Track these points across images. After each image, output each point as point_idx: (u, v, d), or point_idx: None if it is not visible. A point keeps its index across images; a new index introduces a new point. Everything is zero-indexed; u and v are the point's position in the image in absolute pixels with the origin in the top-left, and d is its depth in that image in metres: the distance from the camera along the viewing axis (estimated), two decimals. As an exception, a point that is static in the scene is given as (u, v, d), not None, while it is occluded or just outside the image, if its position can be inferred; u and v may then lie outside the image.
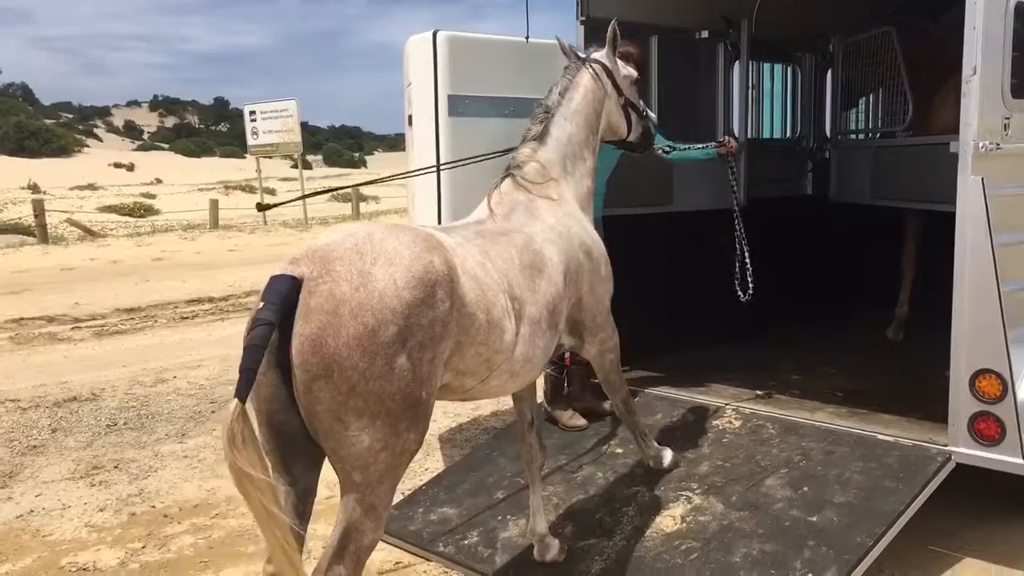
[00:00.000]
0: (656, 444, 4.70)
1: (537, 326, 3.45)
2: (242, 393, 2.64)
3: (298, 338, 2.68)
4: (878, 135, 7.61)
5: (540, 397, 4.66)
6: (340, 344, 2.64)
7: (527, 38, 5.64)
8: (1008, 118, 4.22)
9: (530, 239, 3.62)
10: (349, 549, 2.81)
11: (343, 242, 2.84)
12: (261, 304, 2.70)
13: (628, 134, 4.50)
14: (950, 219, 4.20)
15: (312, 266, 2.76)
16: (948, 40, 5.39)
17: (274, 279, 2.75)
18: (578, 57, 4.30)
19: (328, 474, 3.01)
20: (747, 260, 5.35)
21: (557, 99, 4.15)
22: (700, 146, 5.48)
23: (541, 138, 4.08)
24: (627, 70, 4.46)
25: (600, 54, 4.31)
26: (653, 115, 4.73)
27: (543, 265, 3.57)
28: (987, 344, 4.08)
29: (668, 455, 4.69)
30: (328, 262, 2.76)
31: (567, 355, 5.24)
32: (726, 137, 6.06)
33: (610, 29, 4.28)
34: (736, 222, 5.40)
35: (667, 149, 5.32)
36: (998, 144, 4.13)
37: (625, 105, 4.39)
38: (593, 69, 4.26)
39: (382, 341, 2.69)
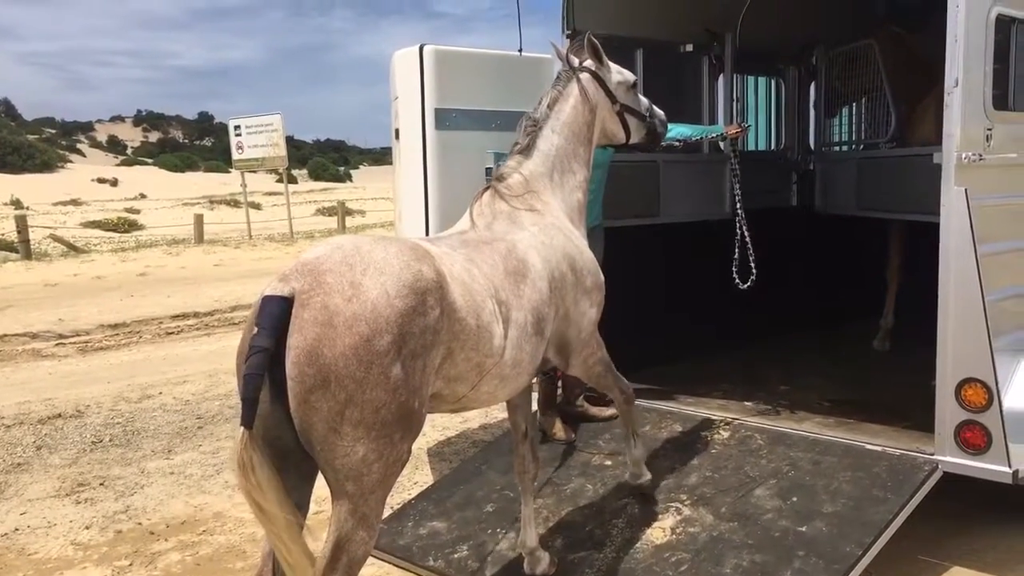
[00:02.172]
0: (644, 451, 4.61)
1: (523, 330, 3.45)
2: (247, 421, 2.66)
3: (293, 351, 2.68)
4: (862, 147, 7.67)
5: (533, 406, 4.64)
6: (336, 354, 2.66)
7: (520, 51, 5.66)
8: (990, 129, 4.25)
9: (513, 246, 3.62)
10: (342, 560, 2.81)
11: (331, 255, 2.86)
12: (255, 330, 2.72)
13: (628, 139, 4.43)
14: (935, 230, 4.23)
15: (303, 280, 2.77)
16: (930, 52, 5.44)
17: (265, 301, 2.76)
18: (569, 66, 4.24)
19: (317, 490, 3.01)
20: (748, 244, 5.22)
21: (545, 111, 4.12)
22: (716, 133, 5.55)
23: (527, 151, 4.05)
24: (622, 75, 4.37)
25: (591, 62, 4.24)
26: (661, 113, 4.59)
27: (526, 271, 3.57)
28: (972, 353, 4.10)
29: (647, 475, 4.56)
30: (318, 275, 2.77)
31: None
32: (742, 122, 6.18)
33: (586, 41, 4.21)
34: (737, 205, 5.31)
35: (676, 144, 5.33)
36: (981, 155, 4.17)
37: (621, 111, 4.32)
38: (583, 79, 4.20)
39: (377, 350, 2.71)
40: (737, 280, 5.19)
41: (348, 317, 2.69)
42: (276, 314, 2.72)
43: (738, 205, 5.29)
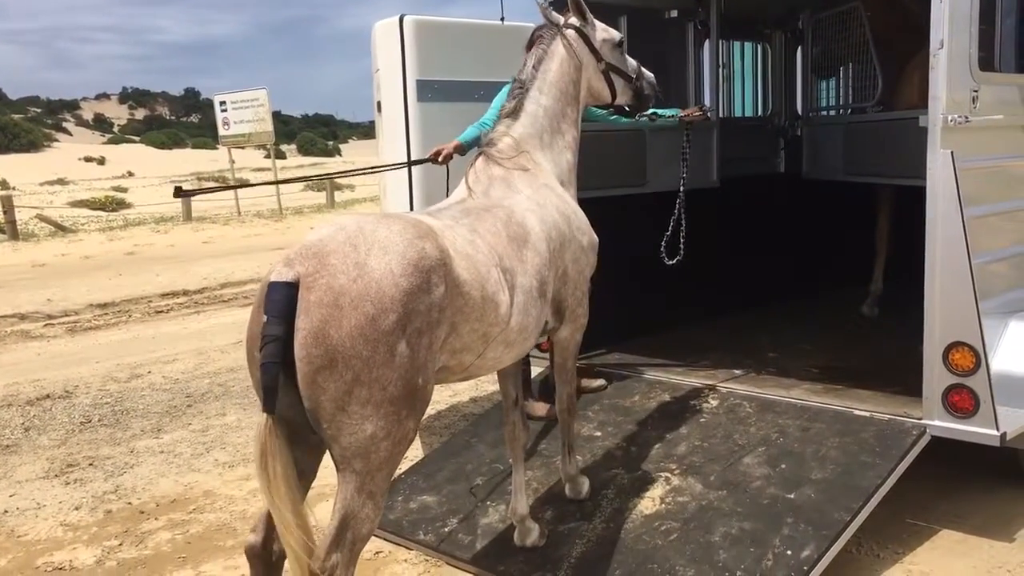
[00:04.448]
0: (578, 467, 4.44)
1: (529, 295, 3.50)
2: (270, 407, 2.71)
3: (301, 332, 2.70)
4: (849, 111, 7.61)
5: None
6: (343, 335, 2.68)
7: (502, 19, 5.59)
8: (976, 91, 4.21)
9: (511, 211, 3.65)
10: (347, 537, 2.83)
11: (335, 236, 2.88)
12: (265, 318, 2.74)
13: (614, 99, 4.40)
14: (922, 193, 4.21)
15: (307, 263, 2.79)
16: (916, 13, 5.38)
17: (272, 288, 2.77)
18: (553, 24, 4.19)
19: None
20: (682, 221, 5.37)
21: (531, 72, 4.10)
22: (681, 113, 5.63)
23: (515, 114, 4.05)
24: (607, 33, 4.32)
25: (575, 20, 4.20)
26: (650, 75, 4.55)
27: (527, 235, 3.60)
28: (959, 317, 4.09)
29: (586, 486, 4.42)
30: (323, 257, 2.79)
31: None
32: (703, 105, 6.19)
33: (570, 1, 4.18)
34: (681, 181, 5.46)
35: (653, 117, 5.33)
36: (967, 117, 4.13)
37: (606, 70, 4.28)
38: (568, 36, 4.16)
39: (383, 329, 2.73)
40: (664, 256, 5.35)
41: (353, 297, 2.71)
42: (283, 300, 2.74)
43: (681, 189, 5.45)
